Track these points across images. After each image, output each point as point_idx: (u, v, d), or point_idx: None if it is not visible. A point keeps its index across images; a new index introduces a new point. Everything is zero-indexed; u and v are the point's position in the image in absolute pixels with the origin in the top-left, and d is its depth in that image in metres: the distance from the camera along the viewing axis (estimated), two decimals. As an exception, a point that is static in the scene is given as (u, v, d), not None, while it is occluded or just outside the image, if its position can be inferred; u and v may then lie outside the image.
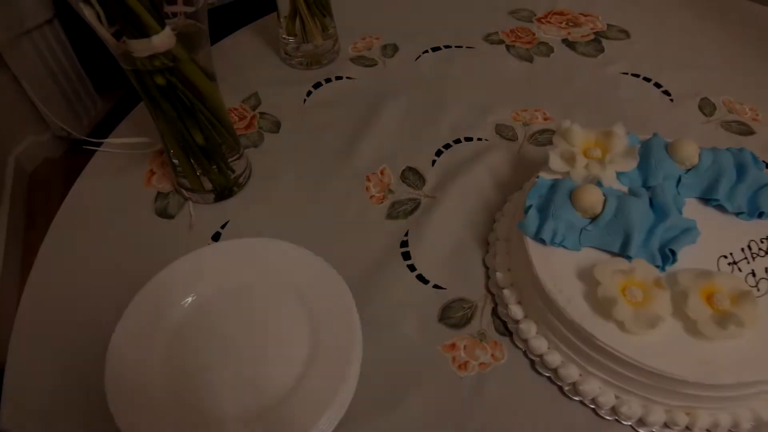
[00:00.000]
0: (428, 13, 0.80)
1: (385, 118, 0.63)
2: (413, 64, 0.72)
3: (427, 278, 0.48)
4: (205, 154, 0.50)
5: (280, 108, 0.65)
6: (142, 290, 0.42)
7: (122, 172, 0.58)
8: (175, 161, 0.51)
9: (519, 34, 0.76)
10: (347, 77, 0.69)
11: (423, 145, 0.60)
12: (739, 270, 0.41)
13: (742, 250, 0.42)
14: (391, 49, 0.74)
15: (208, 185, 0.53)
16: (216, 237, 0.52)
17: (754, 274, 0.41)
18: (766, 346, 0.37)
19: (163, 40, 0.41)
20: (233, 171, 0.54)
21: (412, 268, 0.49)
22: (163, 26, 0.41)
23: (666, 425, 0.39)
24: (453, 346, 0.44)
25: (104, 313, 0.42)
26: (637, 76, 0.69)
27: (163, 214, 0.54)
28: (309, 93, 0.67)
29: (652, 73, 0.69)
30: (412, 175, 0.57)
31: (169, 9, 0.42)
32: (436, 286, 0.48)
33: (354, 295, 0.42)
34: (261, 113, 0.65)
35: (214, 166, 0.52)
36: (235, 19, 0.80)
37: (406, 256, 0.50)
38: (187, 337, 0.41)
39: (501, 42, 0.75)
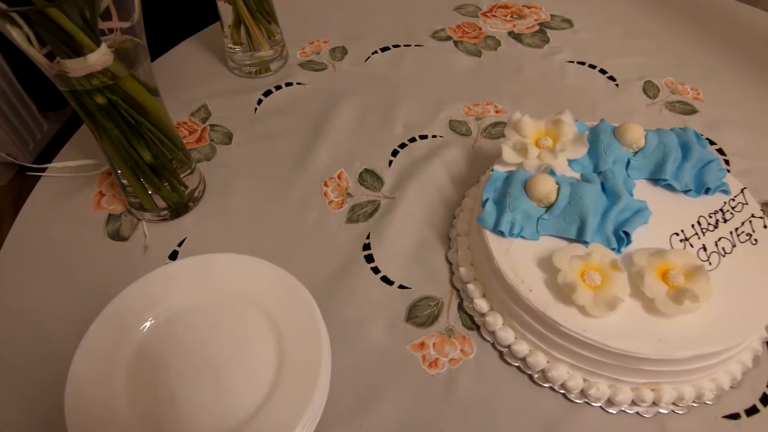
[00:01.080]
0: (374, 14, 0.80)
1: (339, 122, 0.63)
2: (363, 65, 0.71)
3: (391, 279, 0.48)
4: (155, 171, 0.49)
5: (230, 119, 0.64)
6: (96, 320, 0.40)
7: (70, 196, 0.56)
8: (125, 181, 0.50)
9: (466, 29, 0.77)
10: (297, 83, 0.69)
11: (379, 146, 0.60)
12: (691, 246, 0.42)
13: (692, 226, 0.43)
14: (340, 52, 0.73)
15: (162, 203, 0.52)
16: (174, 256, 0.51)
17: (705, 249, 0.42)
18: (720, 318, 0.38)
19: (99, 58, 0.40)
20: (186, 187, 0.53)
21: (376, 270, 0.49)
22: (98, 44, 0.39)
23: (634, 403, 0.40)
24: (422, 344, 0.44)
25: (60, 346, 0.40)
26: (583, 63, 0.70)
27: (116, 236, 0.53)
28: (259, 101, 0.66)
29: (596, 60, 0.71)
30: (369, 177, 0.57)
31: (103, 25, 0.41)
32: (401, 287, 0.48)
33: (319, 303, 0.42)
34: (211, 125, 0.63)
35: (166, 184, 0.51)
36: (175, 31, 0.78)
37: (369, 258, 0.50)
38: (149, 364, 0.40)
39: (449, 38, 0.75)
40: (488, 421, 0.40)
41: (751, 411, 0.40)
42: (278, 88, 0.68)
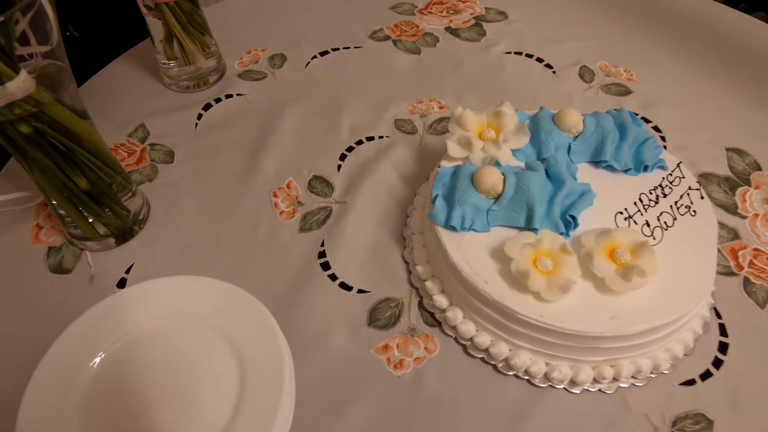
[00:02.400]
0: (310, 18, 0.79)
1: (284, 130, 0.62)
2: (303, 71, 0.71)
3: (350, 285, 0.48)
4: (94, 198, 0.47)
5: (170, 136, 0.62)
6: (42, 360, 0.38)
7: (4, 232, 0.53)
8: (62, 212, 0.47)
9: (403, 27, 0.77)
10: (238, 94, 0.67)
11: (326, 151, 0.60)
12: (635, 223, 0.43)
13: (635, 203, 0.45)
14: (278, 59, 0.72)
15: (105, 230, 0.50)
16: (122, 283, 0.49)
17: (648, 225, 0.43)
18: (668, 290, 0.39)
19: (20, 85, 0.38)
20: (129, 211, 0.51)
21: (333, 277, 0.48)
22: (17, 70, 0.37)
23: (595, 380, 0.41)
24: (386, 347, 0.44)
25: (6, 390, 0.38)
26: (520, 53, 0.72)
27: (59, 269, 0.50)
28: (200, 116, 0.65)
29: (533, 49, 0.72)
30: (319, 184, 0.56)
31: (21, 51, 0.39)
32: (360, 291, 0.48)
33: (277, 316, 0.41)
34: (151, 145, 0.61)
35: (107, 210, 0.49)
36: (102, 50, 0.75)
37: (326, 266, 0.49)
38: (105, 399, 0.38)
39: (387, 38, 0.75)
40: (457, 414, 0.40)
41: (705, 375, 0.42)
42: (218, 100, 0.67)
